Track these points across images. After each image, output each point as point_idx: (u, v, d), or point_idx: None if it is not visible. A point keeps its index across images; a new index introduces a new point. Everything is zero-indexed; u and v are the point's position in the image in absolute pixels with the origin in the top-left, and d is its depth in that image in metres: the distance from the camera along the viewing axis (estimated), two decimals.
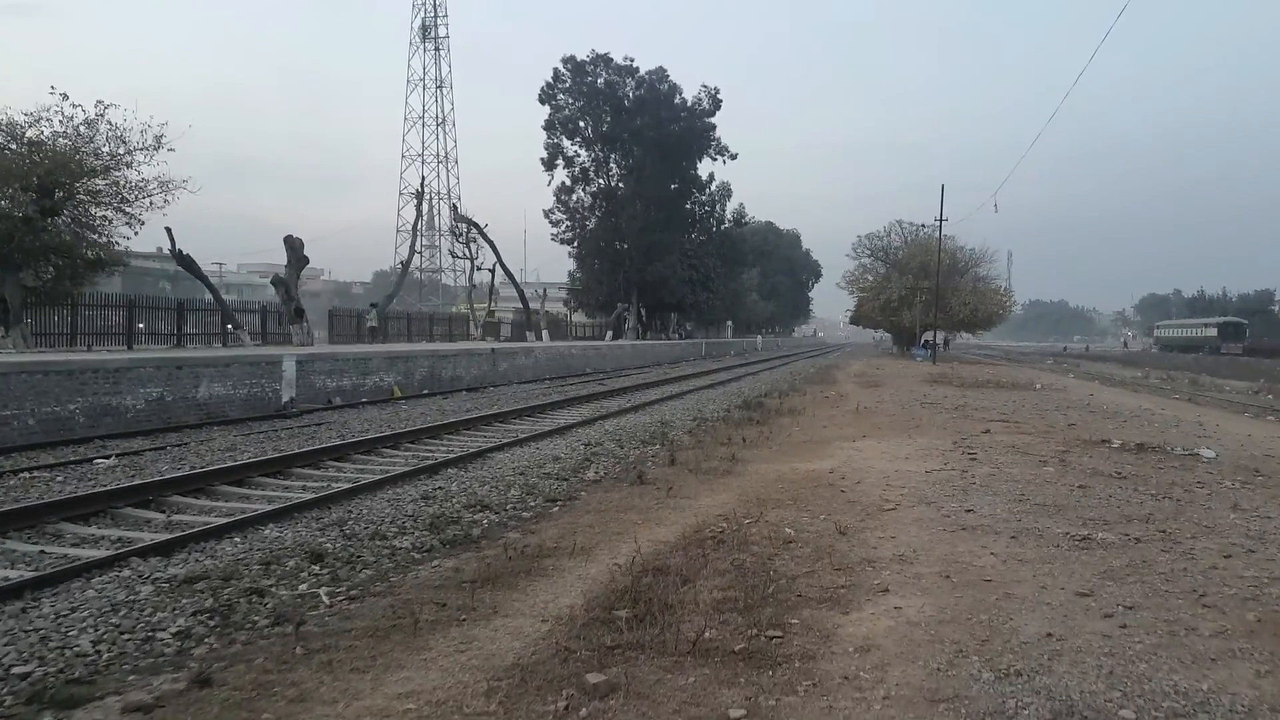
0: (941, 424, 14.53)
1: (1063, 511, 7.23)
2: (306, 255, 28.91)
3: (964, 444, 11.82)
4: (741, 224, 75.77)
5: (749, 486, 8.43)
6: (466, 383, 25.89)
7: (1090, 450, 11.44)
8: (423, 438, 12.56)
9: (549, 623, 4.43)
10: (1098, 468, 9.73)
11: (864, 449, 11.34)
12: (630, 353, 43.53)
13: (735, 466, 9.76)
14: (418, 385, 23.42)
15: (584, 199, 61.00)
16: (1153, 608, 4.75)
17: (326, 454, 10.77)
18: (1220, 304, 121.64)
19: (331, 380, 20.17)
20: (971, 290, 53.75)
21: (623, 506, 7.51)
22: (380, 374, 22.02)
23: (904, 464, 9.92)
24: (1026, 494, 7.97)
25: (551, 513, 7.47)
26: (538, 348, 32.60)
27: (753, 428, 13.98)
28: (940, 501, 7.57)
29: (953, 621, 4.43)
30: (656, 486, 8.41)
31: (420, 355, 24.00)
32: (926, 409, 17.64)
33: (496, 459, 10.49)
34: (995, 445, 11.71)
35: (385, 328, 34.28)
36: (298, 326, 27.36)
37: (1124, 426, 15.24)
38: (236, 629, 4.53)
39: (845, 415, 16.09)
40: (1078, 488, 8.37)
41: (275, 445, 12.04)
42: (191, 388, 16.19)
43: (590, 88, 58.81)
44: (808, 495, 7.91)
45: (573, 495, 8.23)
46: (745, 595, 4.85)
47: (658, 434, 13.21)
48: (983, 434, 13.13)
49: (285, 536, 6.61)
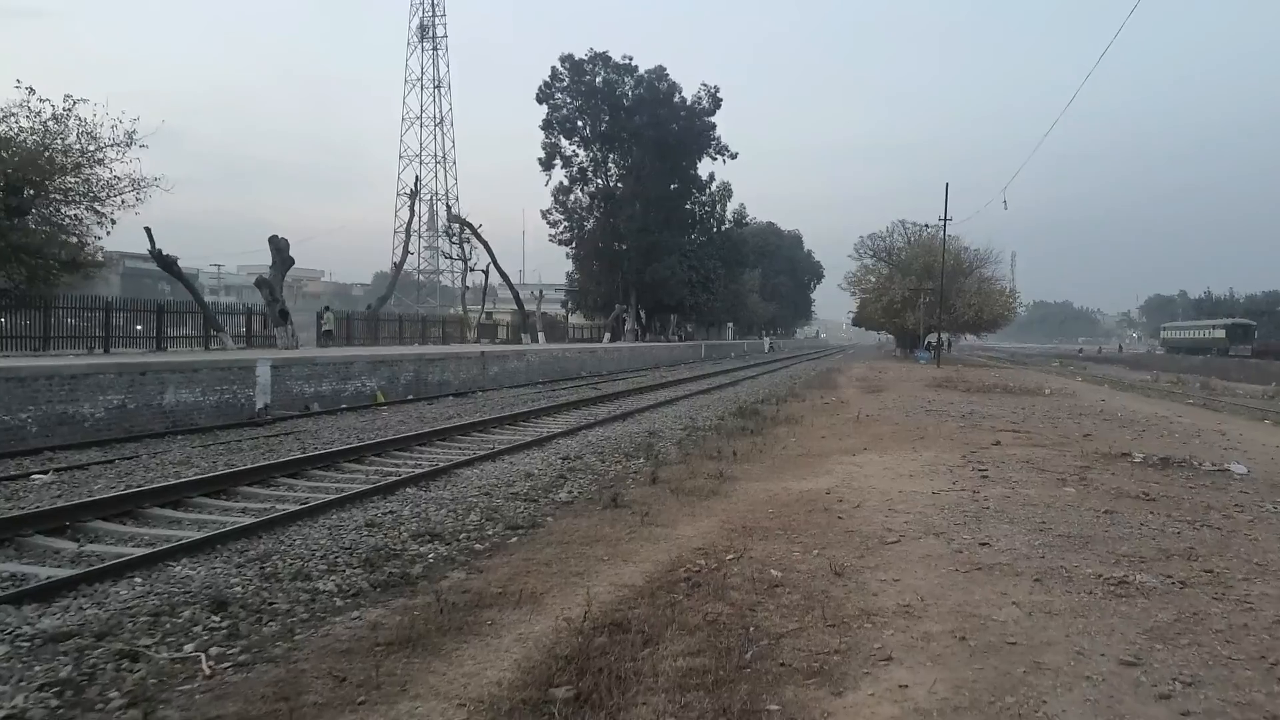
0: (948, 434, 13.62)
1: (1091, 544, 6.32)
2: (292, 256, 28.02)
3: (974, 458, 10.91)
4: (742, 224, 74.81)
5: (735, 511, 7.54)
6: (455, 387, 25.02)
7: (1111, 465, 10.53)
8: (390, 450, 11.68)
9: (465, 709, 3.53)
10: (1123, 487, 8.82)
11: (865, 464, 10.44)
12: (627, 355, 42.63)
13: (722, 486, 8.86)
14: (402, 390, 22.55)
15: (582, 199, 60.14)
16: (1216, 683, 3.85)
17: (281, 470, 9.90)
18: (1227, 305, 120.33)
19: (310, 386, 19.30)
20: (976, 291, 52.75)
21: (590, 537, 6.62)
22: (362, 379, 21.16)
23: (909, 483, 9.02)
24: (1048, 521, 7.07)
25: (509, 544, 6.57)
26: (530, 351, 31.73)
27: (746, 439, 13.08)
28: (950, 531, 6.66)
29: (972, 709, 3.53)
30: (632, 511, 7.52)
31: (405, 359, 23.13)
32: (932, 417, 16.73)
33: (463, 476, 9.60)
34: (1008, 460, 10.80)
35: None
36: (282, 329, 26.50)
37: (1142, 437, 14.32)
38: (82, 712, 3.64)
39: (845, 424, 15.19)
40: (1104, 513, 7.46)
41: (231, 459, 11.17)
42: (156, 394, 15.32)
43: (588, 86, 57.95)
44: (800, 522, 7.01)
45: (537, 521, 7.33)
46: (717, 664, 3.96)
47: (643, 446, 12.31)
48: (993, 446, 12.22)
49: (195, 576, 5.72)
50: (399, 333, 36.97)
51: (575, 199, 59.79)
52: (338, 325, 32.79)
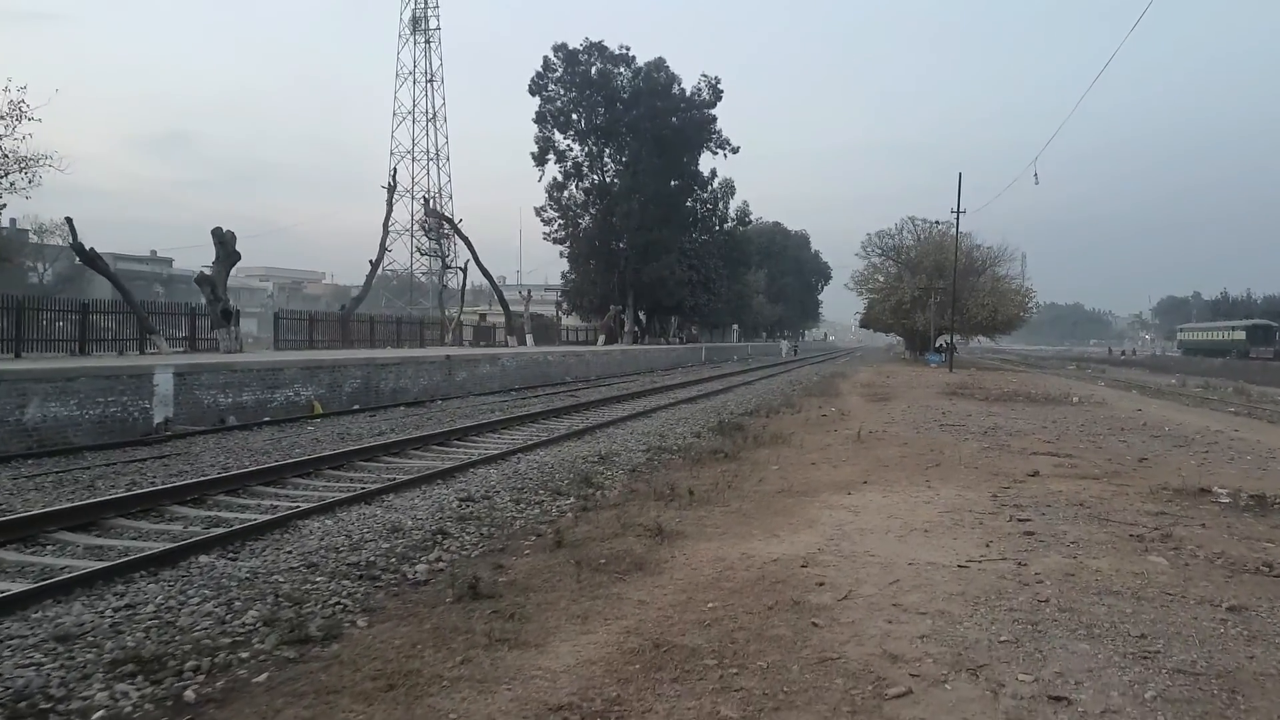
0: (971, 460, 10.93)
1: (1238, 697, 3.65)
2: (239, 250, 25.47)
3: (1008, 498, 8.23)
4: (745, 222, 72.10)
5: (658, 605, 4.89)
6: (413, 395, 22.44)
7: (1193, 509, 7.85)
8: (251, 485, 9.05)
9: None
10: (1230, 553, 6.13)
11: (863, 508, 7.77)
12: (619, 359, 39.95)
13: (657, 551, 6.21)
14: (346, 399, 19.97)
15: (577, 196, 57.45)
16: None
17: (113, 508, 7.39)
18: (1245, 306, 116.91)
19: (227, 396, 16.73)
20: (990, 290, 49.80)
21: (395, 672, 3.97)
22: (296, 387, 18.58)
23: (923, 545, 6.35)
24: (1147, 635, 4.38)
25: (252, 687, 3.92)
26: (506, 354, 29.10)
27: (717, 465, 10.43)
28: (995, 664, 3.99)
29: None
30: (494, 609, 4.86)
31: (351, 364, 20.54)
32: (948, 433, 14.04)
33: (302, 531, 6.93)
34: (1054, 500, 8.11)
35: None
36: (225, 331, 23.95)
37: (1208, 461, 11.60)
38: None
39: (843, 445, 12.51)
40: (1227, 611, 4.78)
41: (71, 493, 8.65)
42: (15, 408, 12.77)
43: (583, 77, 55.30)
44: (751, 635, 4.36)
45: (341, 629, 4.67)
46: None
47: (583, 478, 9.66)
48: (1030, 478, 9.53)
49: None
50: (370, 335, 34.38)
51: (570, 195, 57.16)
52: (296, 327, 30.26)
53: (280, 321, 29.87)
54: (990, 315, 48.92)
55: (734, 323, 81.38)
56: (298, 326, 30.65)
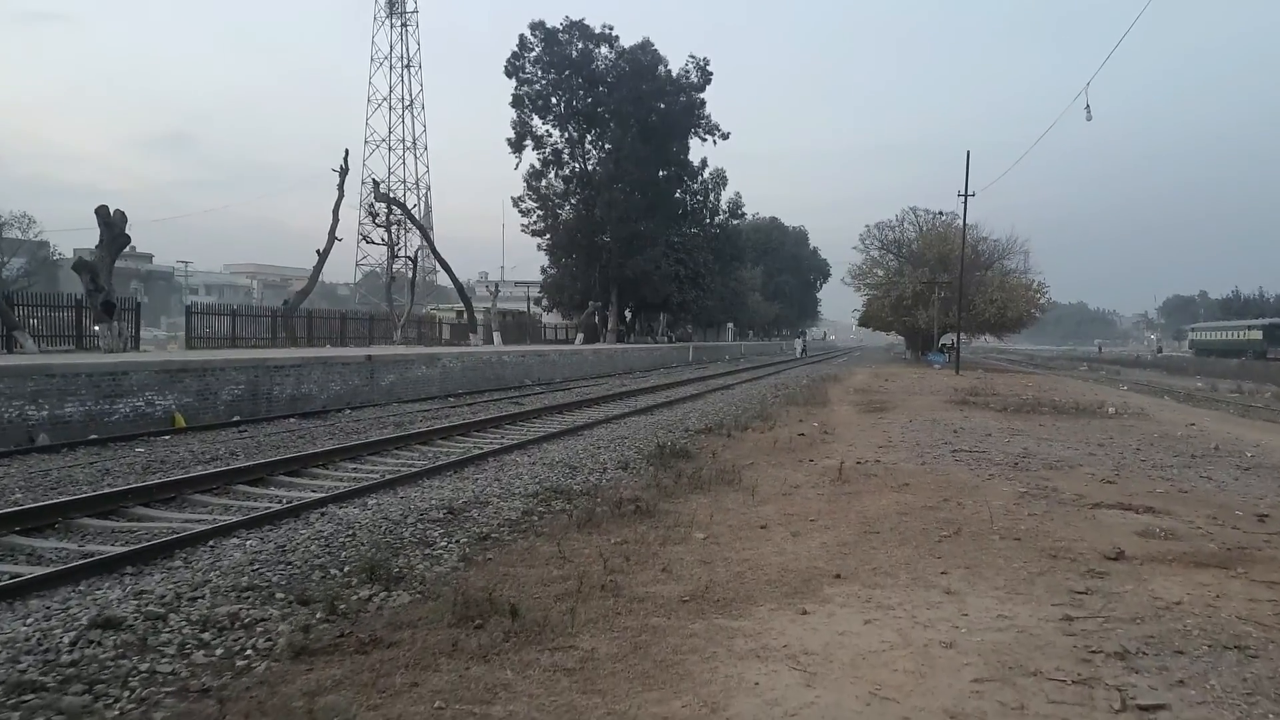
0: (1007, 521, 7.20)
1: None
2: (127, 234, 21.80)
3: (1094, 628, 4.53)
4: (738, 215, 68.21)
5: None
6: (321, 402, 18.78)
7: None
8: None
9: None
10: None
11: (824, 664, 4.07)
12: (591, 360, 36.19)
13: None
14: (224, 410, 16.27)
15: (556, 184, 53.59)
16: None
17: None
18: (1257, 305, 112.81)
19: (40, 408, 13.06)
20: (999, 286, 45.99)
21: None
22: (148, 394, 14.88)
23: None
24: None
25: None
26: (449, 355, 25.37)
27: (620, 530, 6.73)
28: None
29: None
30: None
31: (231, 366, 16.82)
32: (964, 466, 10.32)
33: None
34: (1177, 628, 4.41)
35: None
36: (106, 326, 20.27)
37: None
38: None
39: (816, 487, 8.79)
40: None
41: None
42: None
43: (562, 58, 51.44)
44: None
45: None
46: None
47: (381, 558, 5.95)
48: (1111, 562, 5.83)
49: None
50: (309, 332, 30.69)
51: (549, 184, 53.34)
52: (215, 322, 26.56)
53: (193, 316, 26.14)
54: (999, 312, 45.12)
55: (728, 321, 77.53)
56: (217, 322, 26.99)
